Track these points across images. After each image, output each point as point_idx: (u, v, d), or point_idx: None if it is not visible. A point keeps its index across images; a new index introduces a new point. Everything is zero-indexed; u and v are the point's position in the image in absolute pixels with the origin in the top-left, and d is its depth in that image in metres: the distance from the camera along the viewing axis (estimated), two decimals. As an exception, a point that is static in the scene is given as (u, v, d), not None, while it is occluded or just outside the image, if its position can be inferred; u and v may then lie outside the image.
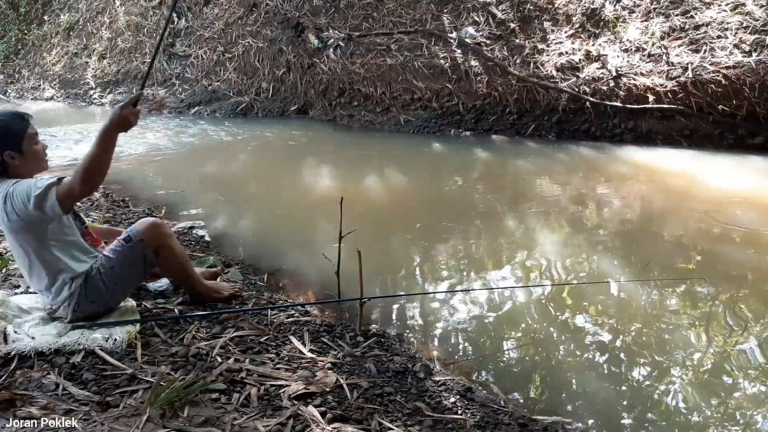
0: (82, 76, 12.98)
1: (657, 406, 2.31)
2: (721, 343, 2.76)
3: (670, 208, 4.73)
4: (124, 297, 2.51)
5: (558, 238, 4.19)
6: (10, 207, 2.16)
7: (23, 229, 2.22)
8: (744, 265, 3.58)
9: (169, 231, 2.52)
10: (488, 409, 2.16)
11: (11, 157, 2.23)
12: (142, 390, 1.92)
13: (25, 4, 15.49)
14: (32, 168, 2.32)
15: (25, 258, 2.31)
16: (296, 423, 1.80)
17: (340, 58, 9.27)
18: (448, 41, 8.44)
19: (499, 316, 3.04)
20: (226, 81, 10.56)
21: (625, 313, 3.03)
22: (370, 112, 8.90)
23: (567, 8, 7.92)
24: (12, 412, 1.76)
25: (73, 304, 2.33)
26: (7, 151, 2.22)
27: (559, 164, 6.32)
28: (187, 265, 2.60)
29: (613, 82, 7.06)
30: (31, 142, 2.27)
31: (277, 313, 2.67)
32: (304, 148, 7.74)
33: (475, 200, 5.19)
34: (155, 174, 6.46)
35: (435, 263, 3.79)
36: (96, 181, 2.12)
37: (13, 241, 2.29)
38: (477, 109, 8.05)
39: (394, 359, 2.43)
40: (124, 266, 2.38)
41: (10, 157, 2.23)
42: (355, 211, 4.65)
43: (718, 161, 6.03)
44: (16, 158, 2.24)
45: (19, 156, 2.25)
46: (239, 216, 4.85)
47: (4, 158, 2.23)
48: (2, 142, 2.23)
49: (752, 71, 6.28)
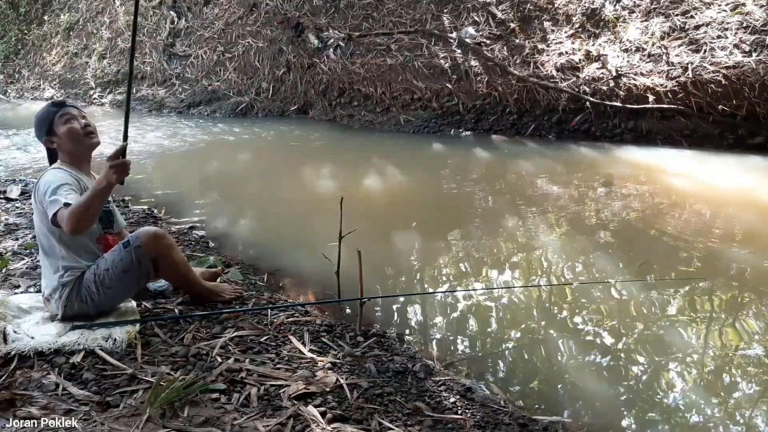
0: (82, 76, 12.98)
1: (657, 406, 2.31)
2: (721, 344, 2.76)
3: (670, 208, 4.73)
4: (118, 303, 2.47)
5: (558, 238, 4.19)
6: (37, 188, 2.34)
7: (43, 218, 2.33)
8: (744, 265, 3.58)
9: (170, 242, 2.47)
10: (488, 409, 2.16)
11: (51, 142, 2.47)
12: (142, 390, 1.92)
13: (25, 4, 15.49)
14: (71, 146, 2.45)
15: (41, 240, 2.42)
16: (296, 423, 1.80)
17: (340, 58, 9.27)
18: (448, 41, 8.44)
19: (499, 316, 3.04)
20: (226, 81, 10.57)
21: (625, 313, 3.03)
22: (370, 112, 8.90)
23: (567, 8, 7.92)
24: (12, 412, 1.76)
25: (64, 299, 2.33)
26: (45, 137, 2.46)
27: (559, 164, 6.32)
28: (186, 272, 2.58)
29: (613, 82, 7.06)
30: (60, 123, 2.44)
31: (277, 313, 2.67)
32: (304, 148, 7.74)
33: (475, 200, 5.19)
34: (155, 174, 6.46)
35: (435, 263, 3.79)
36: (84, 225, 2.20)
37: (37, 223, 2.43)
38: (477, 109, 8.05)
39: (394, 359, 2.43)
40: (118, 271, 2.35)
41: (50, 142, 2.47)
42: (355, 211, 4.65)
43: (718, 161, 6.03)
44: (55, 140, 2.46)
45: (56, 137, 2.45)
46: (239, 216, 4.85)
47: (45, 144, 2.48)
48: (40, 132, 2.48)
49: (752, 71, 6.28)
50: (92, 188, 2.15)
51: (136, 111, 11.04)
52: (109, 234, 2.53)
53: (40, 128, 2.46)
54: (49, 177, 2.31)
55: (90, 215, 2.17)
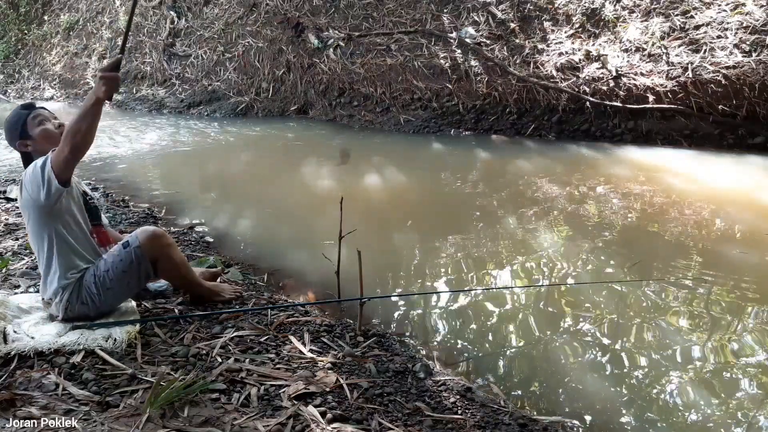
0: (82, 76, 12.98)
1: (657, 405, 2.31)
2: (720, 344, 2.76)
3: (670, 208, 4.73)
4: (118, 304, 2.47)
5: (558, 238, 4.19)
6: (27, 194, 2.28)
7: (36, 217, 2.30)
8: (744, 265, 3.58)
9: (169, 241, 2.48)
10: (488, 409, 2.16)
11: (25, 145, 2.40)
12: (142, 390, 1.92)
13: (25, 4, 15.48)
14: (46, 147, 2.38)
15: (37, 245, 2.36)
16: (296, 423, 1.80)
17: (340, 58, 9.27)
18: (448, 41, 8.45)
19: (499, 316, 3.04)
20: (226, 81, 10.56)
21: (625, 313, 3.03)
22: (370, 112, 8.90)
23: (567, 8, 7.92)
24: (12, 412, 1.76)
25: (64, 301, 2.32)
26: (18, 141, 2.40)
27: (558, 164, 6.32)
28: (186, 272, 2.58)
29: (613, 82, 7.07)
30: (33, 125, 2.39)
31: (277, 313, 2.67)
32: (304, 148, 7.74)
33: (475, 200, 5.19)
34: (155, 174, 6.46)
35: (435, 263, 3.79)
36: (81, 144, 2.14)
37: (30, 228, 2.36)
38: (477, 109, 8.05)
39: (394, 359, 2.43)
40: (118, 272, 2.35)
41: (24, 145, 2.40)
42: (355, 211, 4.65)
43: (718, 161, 6.03)
44: (29, 143, 2.40)
45: (30, 140, 2.39)
46: (239, 216, 4.85)
47: (19, 148, 2.41)
48: (12, 136, 2.41)
49: (752, 71, 6.28)
50: (82, 106, 2.15)
51: (135, 111, 11.06)
52: (98, 226, 2.53)
53: (12, 133, 2.40)
54: (28, 169, 2.29)
55: (85, 132, 2.12)
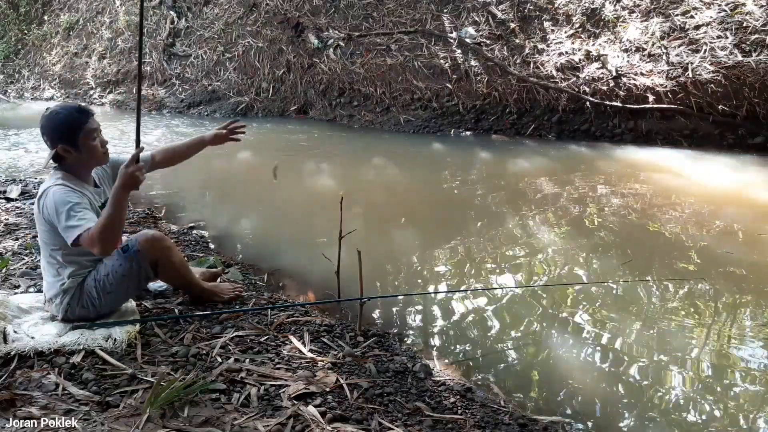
0: (82, 76, 12.98)
1: (657, 406, 2.31)
2: (720, 343, 2.76)
3: (670, 208, 4.73)
4: (118, 306, 2.47)
5: (558, 238, 4.19)
6: (43, 206, 2.22)
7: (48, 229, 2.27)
8: (744, 265, 3.58)
9: (168, 244, 2.47)
10: (488, 409, 2.16)
11: (65, 151, 2.26)
12: (142, 390, 1.92)
13: (25, 4, 15.48)
14: (87, 162, 2.34)
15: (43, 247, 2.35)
16: (296, 423, 1.80)
17: (340, 58, 9.27)
18: (448, 41, 8.45)
19: (499, 317, 3.04)
20: (226, 81, 10.57)
21: (625, 313, 3.03)
22: (370, 112, 8.91)
23: (567, 8, 7.92)
24: (12, 412, 1.76)
25: (65, 304, 2.32)
26: (61, 144, 2.25)
27: (558, 164, 6.32)
28: (186, 273, 2.58)
29: (613, 82, 7.07)
30: (88, 138, 2.29)
31: (277, 313, 2.67)
32: (304, 148, 7.74)
33: (475, 200, 5.19)
34: (155, 174, 6.44)
35: (435, 263, 3.79)
36: (111, 241, 2.12)
37: (40, 236, 2.34)
38: (477, 109, 8.06)
39: (394, 359, 2.43)
40: (118, 276, 2.35)
41: (65, 150, 2.26)
42: (355, 211, 4.65)
43: (718, 161, 6.03)
44: (72, 152, 2.27)
45: (74, 150, 2.27)
46: (239, 216, 4.85)
47: (58, 151, 2.26)
48: (58, 136, 2.26)
49: (752, 71, 6.29)
50: (110, 202, 2.09)
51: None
52: None
53: (61, 134, 2.25)
54: (56, 197, 2.19)
55: (116, 230, 2.11)
